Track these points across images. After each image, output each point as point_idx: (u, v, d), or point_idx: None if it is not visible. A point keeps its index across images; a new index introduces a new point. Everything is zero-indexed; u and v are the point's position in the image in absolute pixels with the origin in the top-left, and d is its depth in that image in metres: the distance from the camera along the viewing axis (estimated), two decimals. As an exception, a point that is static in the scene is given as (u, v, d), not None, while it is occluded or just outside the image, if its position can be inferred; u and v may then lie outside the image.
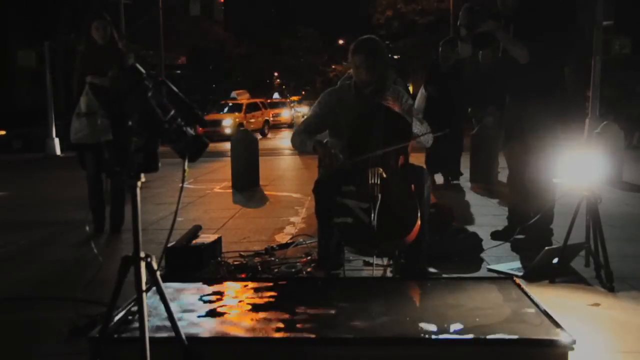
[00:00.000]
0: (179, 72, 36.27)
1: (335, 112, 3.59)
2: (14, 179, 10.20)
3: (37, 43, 16.00)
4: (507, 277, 3.18)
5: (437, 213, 4.07)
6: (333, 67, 43.45)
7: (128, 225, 4.66)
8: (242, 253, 4.07)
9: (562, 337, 2.22)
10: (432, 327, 2.37)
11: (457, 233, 4.10)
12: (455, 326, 2.38)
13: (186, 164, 1.80)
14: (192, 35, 32.99)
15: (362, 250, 3.38)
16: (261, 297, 2.81)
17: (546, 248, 3.55)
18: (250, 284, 3.06)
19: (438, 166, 7.47)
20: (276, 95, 42.03)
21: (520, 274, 3.50)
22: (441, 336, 2.29)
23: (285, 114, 31.77)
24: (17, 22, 20.76)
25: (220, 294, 2.90)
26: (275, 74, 54.22)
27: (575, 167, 3.43)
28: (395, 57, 31.76)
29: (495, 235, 4.36)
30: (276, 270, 3.68)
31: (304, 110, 30.83)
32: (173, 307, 1.86)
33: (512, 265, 3.73)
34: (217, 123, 21.62)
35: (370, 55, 3.46)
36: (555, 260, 3.47)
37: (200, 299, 2.82)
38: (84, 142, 4.68)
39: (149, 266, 1.79)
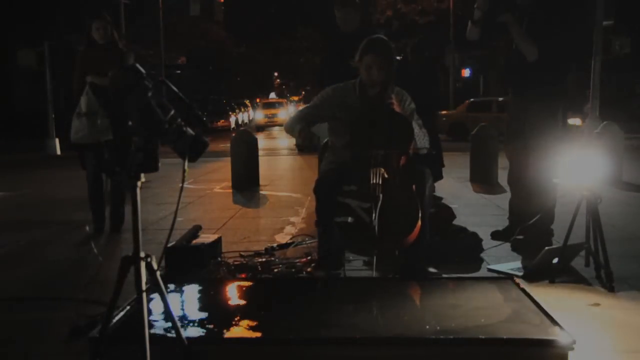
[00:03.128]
0: (179, 72, 36.25)
1: (334, 109, 3.58)
2: (14, 178, 10.19)
3: (37, 43, 15.96)
4: (507, 277, 3.18)
5: (438, 213, 4.07)
6: (333, 67, 43.33)
7: (128, 225, 4.65)
8: (242, 253, 4.06)
9: (562, 337, 2.22)
10: (432, 327, 2.37)
11: (457, 233, 4.10)
12: (456, 326, 2.38)
13: (186, 164, 1.80)
14: (192, 35, 32.98)
15: (363, 250, 3.38)
16: (261, 297, 2.81)
17: (546, 248, 3.55)
18: (250, 284, 3.07)
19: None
20: (272, 95, 41.95)
21: (520, 274, 3.50)
22: (441, 336, 2.29)
23: (281, 115, 31.59)
24: (17, 22, 20.73)
25: (220, 294, 2.90)
26: (275, 74, 54.23)
27: (575, 167, 3.43)
28: (398, 57, 31.71)
29: (495, 235, 4.35)
30: (276, 270, 3.67)
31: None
32: (173, 307, 1.87)
33: (512, 265, 3.73)
34: None
35: (382, 55, 3.45)
36: (555, 260, 3.47)
37: (200, 299, 2.82)
38: (84, 142, 4.68)
39: (149, 266, 1.79)
